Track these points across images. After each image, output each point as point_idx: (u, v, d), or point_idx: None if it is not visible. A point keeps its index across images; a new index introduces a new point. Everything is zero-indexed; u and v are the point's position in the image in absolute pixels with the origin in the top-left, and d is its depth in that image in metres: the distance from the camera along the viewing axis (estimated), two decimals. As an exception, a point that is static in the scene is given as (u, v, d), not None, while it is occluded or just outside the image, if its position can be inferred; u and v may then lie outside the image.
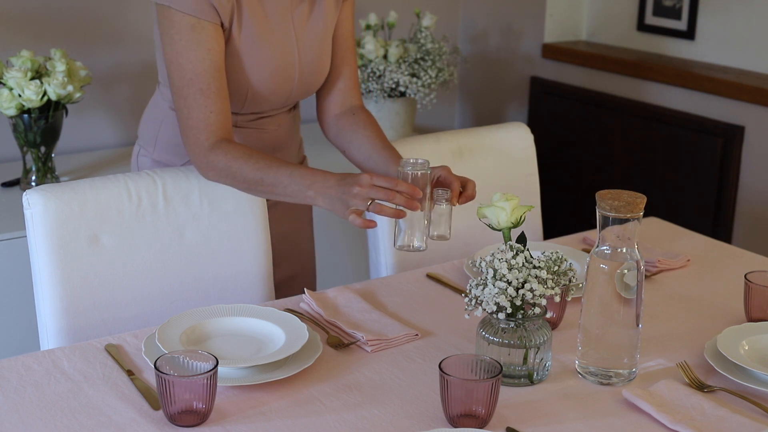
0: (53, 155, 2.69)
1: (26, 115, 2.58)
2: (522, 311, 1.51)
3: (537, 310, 1.50)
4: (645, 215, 1.63)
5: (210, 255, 1.91)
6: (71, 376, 1.53)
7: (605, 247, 1.54)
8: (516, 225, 1.61)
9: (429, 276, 1.98)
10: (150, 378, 1.53)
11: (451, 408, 1.40)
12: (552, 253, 1.55)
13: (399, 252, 2.13)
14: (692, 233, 2.27)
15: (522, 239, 1.57)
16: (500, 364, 1.43)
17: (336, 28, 2.02)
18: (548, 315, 1.61)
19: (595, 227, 1.57)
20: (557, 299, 1.52)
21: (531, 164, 2.38)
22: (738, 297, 1.85)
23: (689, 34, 3.26)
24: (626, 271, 1.52)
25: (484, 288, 1.50)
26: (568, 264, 1.56)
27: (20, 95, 2.53)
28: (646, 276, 1.98)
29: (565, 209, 3.56)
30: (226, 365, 1.49)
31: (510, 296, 1.48)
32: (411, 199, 1.65)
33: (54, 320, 1.75)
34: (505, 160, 2.34)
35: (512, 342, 1.52)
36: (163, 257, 1.86)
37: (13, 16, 2.90)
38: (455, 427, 1.40)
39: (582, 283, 1.60)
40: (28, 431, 1.38)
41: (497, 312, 1.50)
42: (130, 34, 3.09)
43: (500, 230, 1.61)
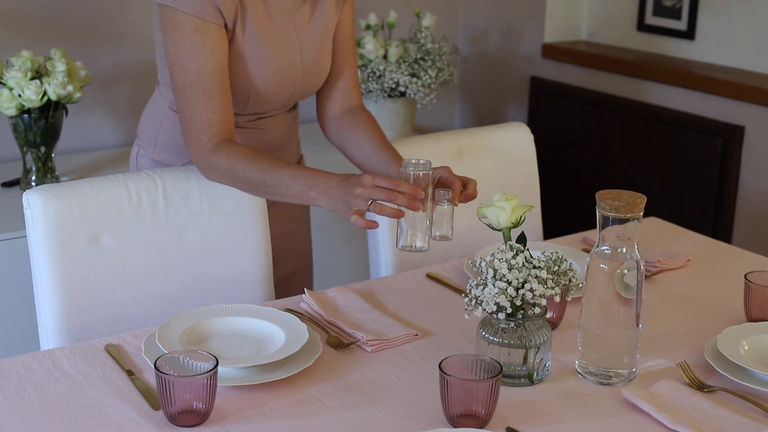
0: (53, 155, 2.69)
1: (26, 115, 2.58)
2: (522, 311, 1.51)
3: (537, 310, 1.50)
4: (645, 215, 1.63)
5: (210, 255, 1.91)
6: (71, 376, 1.53)
7: (605, 247, 1.54)
8: (516, 225, 1.61)
9: (429, 276, 1.98)
10: (150, 378, 1.53)
11: (451, 408, 1.40)
12: (552, 253, 1.55)
13: (399, 252, 2.13)
14: (692, 233, 2.27)
15: (522, 239, 1.57)
16: (500, 364, 1.43)
17: (336, 29, 2.02)
18: (548, 315, 1.61)
19: (595, 227, 1.57)
20: (557, 299, 1.52)
21: (531, 164, 2.38)
22: (738, 297, 1.85)
23: (689, 34, 3.26)
24: (626, 271, 1.52)
25: (484, 288, 1.50)
26: (568, 264, 1.56)
27: (20, 95, 2.53)
28: (646, 276, 1.98)
29: (565, 209, 3.56)
30: (226, 365, 1.49)
31: (510, 296, 1.48)
32: (413, 200, 1.65)
33: (54, 320, 1.75)
34: (505, 160, 2.34)
35: (512, 342, 1.52)
36: (163, 257, 1.86)
37: (13, 16, 2.90)
38: (455, 427, 1.40)
39: (582, 283, 1.60)
40: (28, 431, 1.38)
41: (497, 312, 1.50)
42: (130, 34, 3.09)
43: (500, 230, 1.61)
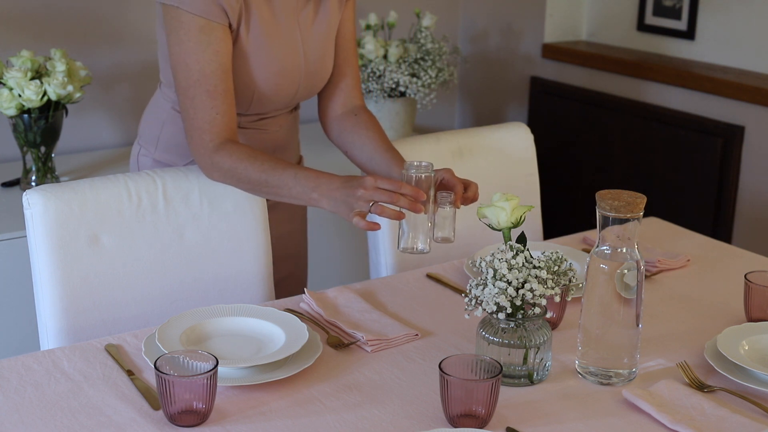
0: (53, 155, 2.69)
1: (26, 115, 2.58)
2: (522, 311, 1.51)
3: (537, 310, 1.50)
4: (645, 215, 1.63)
5: (210, 255, 1.91)
6: (71, 376, 1.53)
7: (605, 247, 1.54)
8: (516, 225, 1.61)
9: (429, 276, 1.98)
10: (150, 378, 1.53)
11: (451, 408, 1.40)
12: (552, 253, 1.55)
13: (399, 252, 2.13)
14: (692, 233, 2.27)
15: (522, 239, 1.57)
16: (500, 364, 1.42)
17: (338, 29, 2.02)
18: (548, 315, 1.61)
19: (595, 227, 1.57)
20: (557, 299, 1.52)
21: (531, 164, 2.38)
22: (738, 297, 1.85)
23: (689, 34, 3.26)
24: (626, 271, 1.52)
25: (484, 288, 1.50)
26: (568, 264, 1.56)
27: (20, 95, 2.53)
28: (646, 276, 1.98)
29: (565, 209, 3.56)
30: (226, 365, 1.49)
31: (510, 296, 1.48)
32: (414, 202, 1.65)
33: (54, 320, 1.75)
34: (505, 160, 2.34)
35: (512, 342, 1.52)
36: (163, 257, 1.86)
37: (13, 16, 2.90)
38: (455, 427, 1.40)
39: (582, 283, 1.60)
40: (28, 431, 1.38)
41: (497, 312, 1.50)
42: (130, 34, 3.09)
43: (500, 230, 1.61)
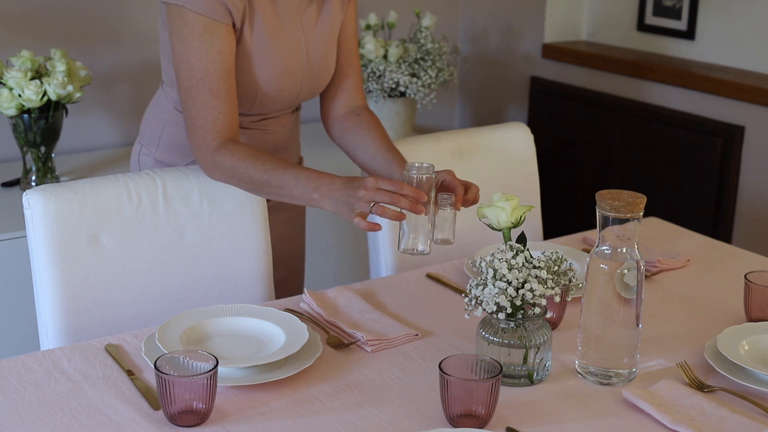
0: (53, 155, 2.69)
1: (26, 115, 2.58)
2: (522, 311, 1.51)
3: (537, 310, 1.50)
4: (645, 215, 1.63)
5: (210, 255, 1.91)
6: (71, 376, 1.53)
7: (605, 247, 1.54)
8: (516, 225, 1.61)
9: (429, 276, 1.98)
10: (150, 378, 1.53)
11: (451, 408, 1.40)
12: (552, 253, 1.55)
13: (399, 252, 2.13)
14: (692, 233, 2.27)
15: (522, 239, 1.56)
16: (500, 364, 1.42)
17: (340, 29, 2.02)
18: (548, 315, 1.61)
19: (595, 227, 1.57)
20: (557, 299, 1.52)
21: (531, 164, 2.38)
22: (738, 297, 1.85)
23: (689, 34, 3.26)
24: (626, 271, 1.52)
25: (484, 288, 1.50)
26: (568, 264, 1.56)
27: (20, 95, 2.53)
28: (646, 276, 1.98)
29: (565, 209, 3.56)
30: (226, 365, 1.49)
31: (510, 296, 1.48)
32: (415, 203, 1.66)
33: (54, 320, 1.75)
34: (505, 160, 2.34)
35: (512, 342, 1.52)
36: (163, 257, 1.86)
37: (13, 16, 2.90)
38: (455, 427, 1.40)
39: (582, 283, 1.60)
40: (28, 431, 1.38)
41: (497, 312, 1.50)
42: (131, 34, 3.09)
43: (500, 230, 1.61)
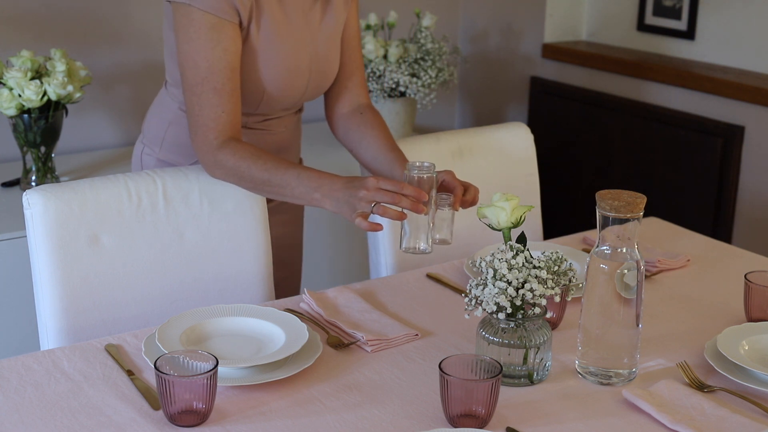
0: (53, 155, 2.69)
1: (26, 115, 2.58)
2: (522, 311, 1.51)
3: (537, 310, 1.50)
4: (645, 215, 1.63)
5: (210, 255, 1.91)
6: (71, 376, 1.53)
7: (605, 247, 1.54)
8: (516, 225, 1.61)
9: (429, 276, 1.98)
10: (150, 378, 1.53)
11: (451, 408, 1.40)
12: (552, 253, 1.55)
13: (399, 252, 2.13)
14: (692, 233, 2.27)
15: (522, 239, 1.57)
16: (500, 364, 1.42)
17: (343, 28, 2.02)
18: (548, 315, 1.61)
19: (595, 227, 1.57)
20: (557, 299, 1.52)
21: (531, 164, 2.38)
22: (738, 297, 1.85)
23: (689, 34, 3.26)
24: (626, 271, 1.52)
25: (484, 288, 1.50)
26: (568, 264, 1.56)
27: (20, 95, 2.53)
28: (646, 276, 1.98)
29: (565, 209, 3.56)
30: (226, 365, 1.49)
31: (510, 296, 1.48)
32: (416, 203, 1.66)
33: (54, 320, 1.75)
34: (505, 160, 2.34)
35: (512, 342, 1.52)
36: (163, 257, 1.86)
37: (13, 16, 2.90)
38: (455, 427, 1.40)
39: (582, 283, 1.60)
40: (28, 431, 1.38)
41: (497, 312, 1.50)
42: (131, 34, 3.09)
43: (500, 230, 1.61)
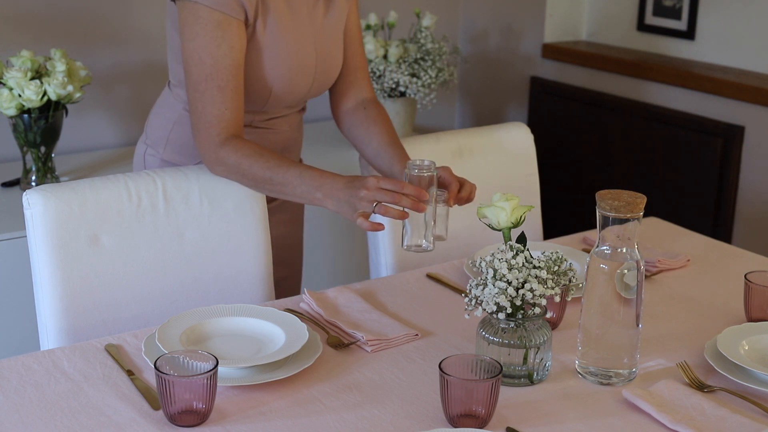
0: (53, 155, 2.69)
1: (26, 115, 2.58)
2: (522, 311, 1.51)
3: (537, 310, 1.50)
4: (645, 215, 1.63)
5: (210, 255, 1.91)
6: (71, 376, 1.53)
7: (605, 247, 1.54)
8: (516, 225, 1.61)
9: (429, 276, 1.98)
10: (150, 378, 1.53)
11: (451, 408, 1.40)
12: (552, 253, 1.55)
13: (399, 252, 2.14)
14: (692, 233, 2.27)
15: (522, 239, 1.57)
16: (500, 364, 1.42)
17: (345, 23, 2.03)
18: (548, 315, 1.61)
19: (595, 227, 1.57)
20: (557, 299, 1.52)
21: (531, 164, 2.38)
22: (738, 297, 1.85)
23: (689, 34, 3.26)
24: (626, 271, 1.52)
25: (484, 288, 1.50)
26: (568, 264, 1.56)
27: (20, 95, 2.53)
28: (646, 276, 1.98)
29: (565, 209, 3.56)
30: (226, 365, 1.49)
31: (510, 296, 1.48)
32: (417, 202, 1.66)
33: (54, 320, 1.75)
34: (505, 161, 2.34)
35: (512, 342, 1.52)
36: (163, 257, 1.86)
37: (13, 16, 2.90)
38: (455, 427, 1.40)
39: (582, 283, 1.60)
40: (28, 431, 1.38)
41: (497, 312, 1.50)
42: (131, 34, 3.09)
43: (500, 230, 1.61)
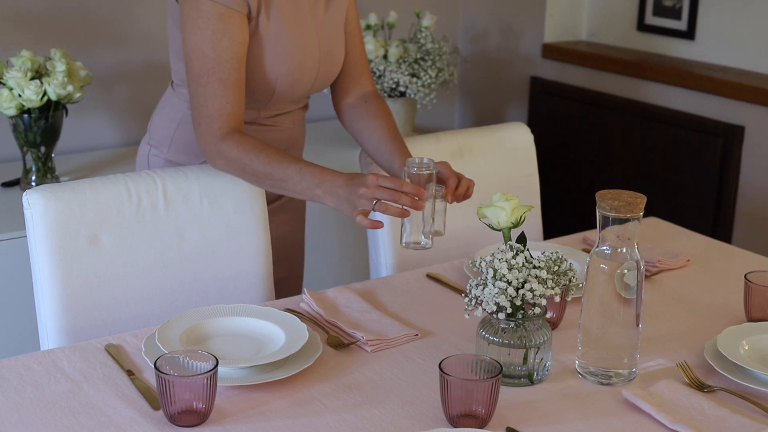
0: (53, 155, 2.69)
1: (26, 115, 2.58)
2: (522, 311, 1.51)
3: (537, 310, 1.50)
4: (645, 215, 1.63)
5: (210, 255, 1.91)
6: (71, 376, 1.53)
7: (605, 247, 1.54)
8: (516, 225, 1.61)
9: (429, 276, 1.98)
10: (150, 378, 1.53)
11: (451, 408, 1.40)
12: (552, 253, 1.55)
13: (399, 252, 2.14)
14: (692, 233, 2.27)
15: (522, 239, 1.57)
16: (500, 364, 1.42)
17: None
18: (548, 315, 1.61)
19: (595, 227, 1.57)
20: (557, 299, 1.52)
21: (531, 164, 2.38)
22: (738, 297, 1.85)
23: (689, 34, 3.26)
24: (626, 271, 1.52)
25: (484, 288, 1.50)
26: (568, 264, 1.56)
27: (20, 95, 2.53)
28: (646, 276, 1.98)
29: (565, 209, 3.56)
30: (226, 365, 1.49)
31: (510, 296, 1.48)
32: (416, 200, 1.66)
33: (54, 320, 1.75)
34: (505, 161, 2.34)
35: (512, 342, 1.52)
36: (163, 257, 1.86)
37: (13, 16, 2.90)
38: (455, 427, 1.40)
39: (582, 283, 1.60)
40: (28, 431, 1.38)
41: (497, 312, 1.50)
42: (131, 34, 3.09)
43: (500, 230, 1.61)
